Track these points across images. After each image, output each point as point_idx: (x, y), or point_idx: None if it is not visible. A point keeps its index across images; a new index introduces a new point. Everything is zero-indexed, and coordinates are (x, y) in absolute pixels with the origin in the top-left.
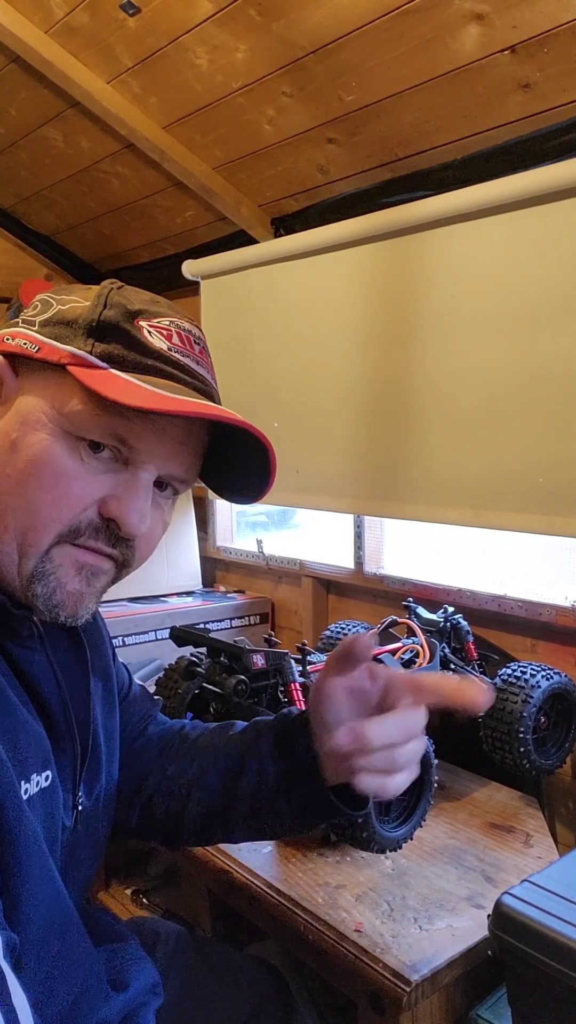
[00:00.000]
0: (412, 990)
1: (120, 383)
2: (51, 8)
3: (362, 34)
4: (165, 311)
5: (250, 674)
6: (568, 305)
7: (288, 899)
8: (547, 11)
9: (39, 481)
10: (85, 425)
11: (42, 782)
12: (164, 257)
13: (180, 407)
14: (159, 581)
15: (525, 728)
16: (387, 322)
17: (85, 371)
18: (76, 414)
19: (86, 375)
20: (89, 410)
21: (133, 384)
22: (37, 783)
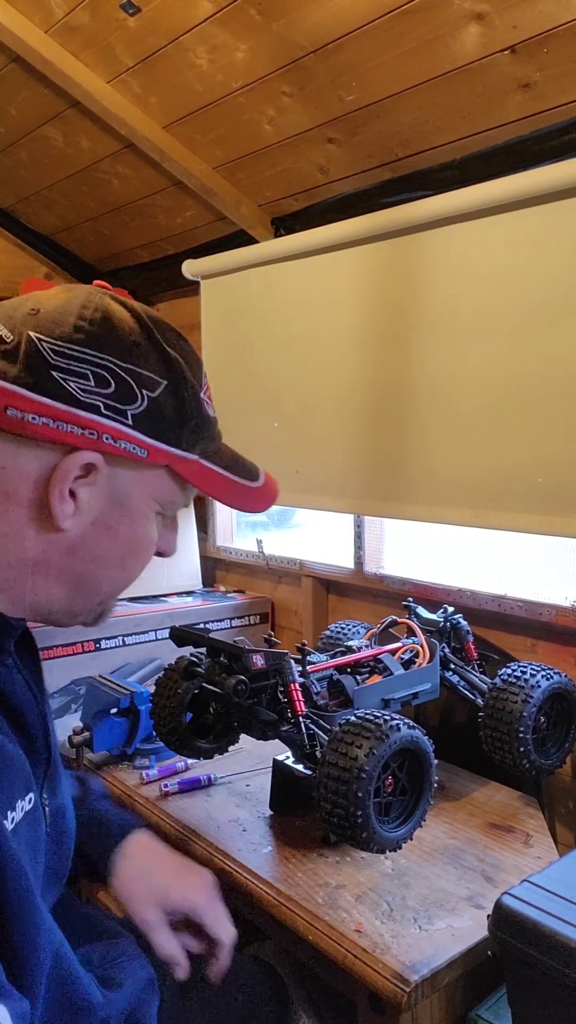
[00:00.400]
0: (412, 990)
1: (215, 478)
2: (51, 8)
3: (362, 34)
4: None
5: (250, 674)
6: (568, 305)
7: (288, 899)
8: (547, 11)
9: (138, 561)
10: (175, 508)
11: (26, 805)
12: (164, 257)
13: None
14: (159, 581)
15: (525, 728)
16: (387, 322)
17: (188, 470)
18: (174, 504)
19: (194, 475)
20: (183, 498)
21: (222, 478)
22: (22, 808)
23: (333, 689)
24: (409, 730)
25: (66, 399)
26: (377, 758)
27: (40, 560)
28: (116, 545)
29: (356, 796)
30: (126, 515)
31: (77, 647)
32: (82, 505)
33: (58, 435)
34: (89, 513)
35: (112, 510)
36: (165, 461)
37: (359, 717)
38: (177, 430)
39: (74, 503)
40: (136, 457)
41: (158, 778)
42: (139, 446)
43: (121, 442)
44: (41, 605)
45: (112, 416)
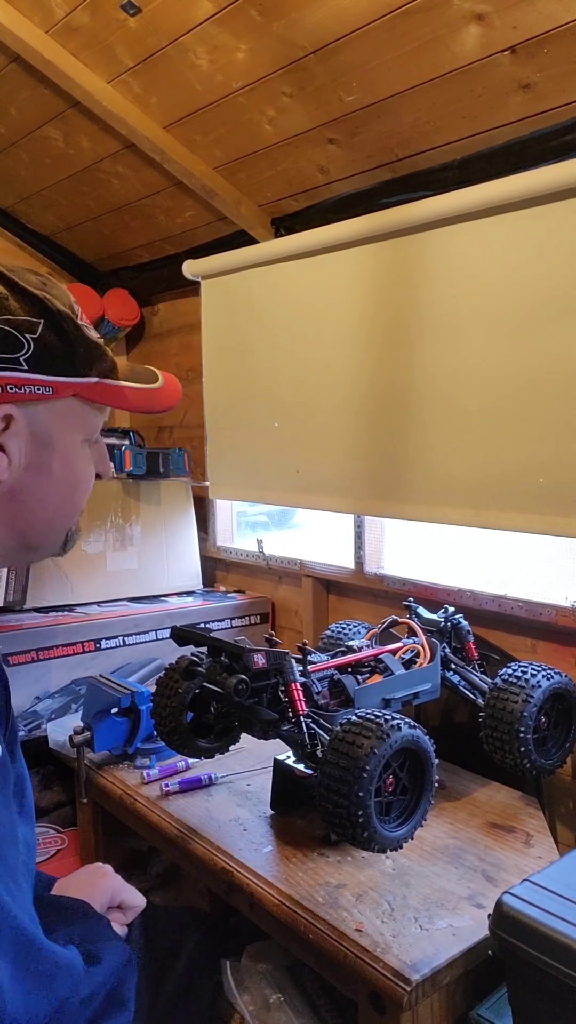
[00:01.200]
0: (413, 990)
1: (119, 392)
2: (51, 8)
3: (362, 34)
4: (66, 291)
5: (251, 673)
6: (568, 306)
7: (288, 899)
8: (547, 11)
9: (82, 492)
10: (95, 431)
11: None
12: (164, 257)
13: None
14: (159, 581)
15: (526, 728)
16: (387, 322)
17: (94, 392)
18: (94, 427)
19: (100, 395)
20: (100, 419)
21: (128, 389)
22: None
23: (334, 689)
24: (410, 729)
25: None
26: (378, 758)
27: None
28: (53, 482)
29: (357, 796)
30: (56, 453)
31: (77, 647)
32: (12, 454)
33: None
34: (20, 460)
35: (40, 452)
36: (70, 392)
37: (360, 716)
38: (69, 360)
39: (5, 456)
40: (44, 397)
41: (159, 778)
42: (42, 386)
43: (25, 387)
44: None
45: (6, 367)
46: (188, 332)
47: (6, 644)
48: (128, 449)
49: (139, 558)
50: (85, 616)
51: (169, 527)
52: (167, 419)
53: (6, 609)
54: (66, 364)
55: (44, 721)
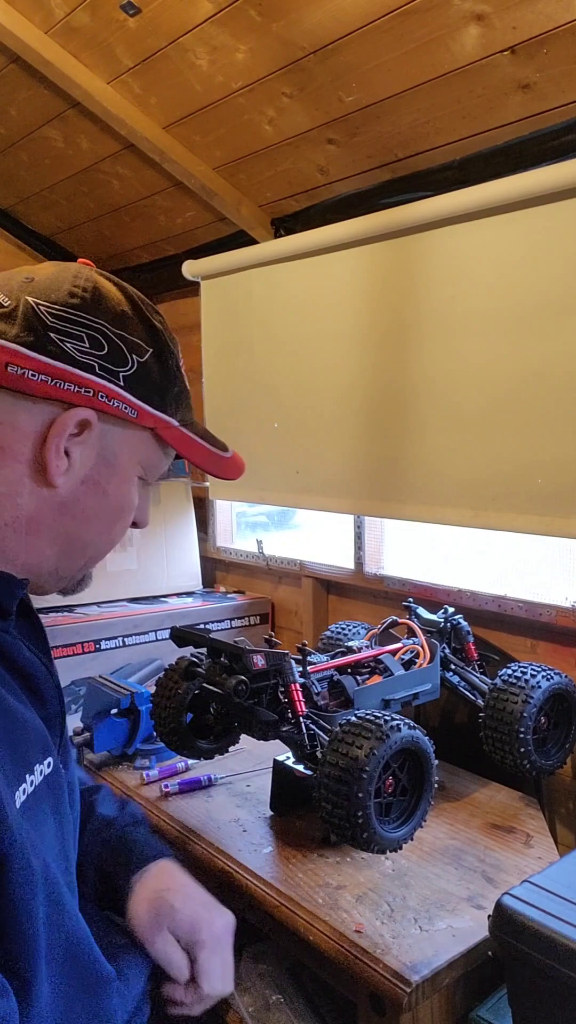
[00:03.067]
0: (412, 991)
1: (194, 446)
2: (51, 8)
3: (362, 35)
4: (177, 344)
5: (250, 674)
6: (568, 306)
7: (288, 900)
8: (547, 12)
9: (121, 524)
10: (155, 474)
11: (45, 769)
12: (164, 258)
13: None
14: (159, 582)
15: (525, 728)
16: (387, 322)
17: (171, 434)
18: (155, 469)
19: (176, 439)
20: (164, 465)
21: (200, 446)
22: (41, 772)
23: (333, 690)
24: (409, 730)
25: (63, 358)
26: (377, 758)
27: (33, 518)
28: (104, 504)
29: (356, 796)
30: (114, 474)
31: (77, 647)
32: (75, 462)
33: (56, 392)
34: (80, 470)
35: (101, 469)
36: (151, 423)
37: (359, 717)
38: (163, 395)
39: (68, 460)
40: (127, 416)
41: (158, 778)
42: (130, 406)
43: (114, 401)
44: (32, 566)
45: (105, 376)
46: (188, 332)
47: None
48: None
49: (139, 559)
50: (85, 617)
51: (169, 528)
52: None
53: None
54: (158, 397)
55: None
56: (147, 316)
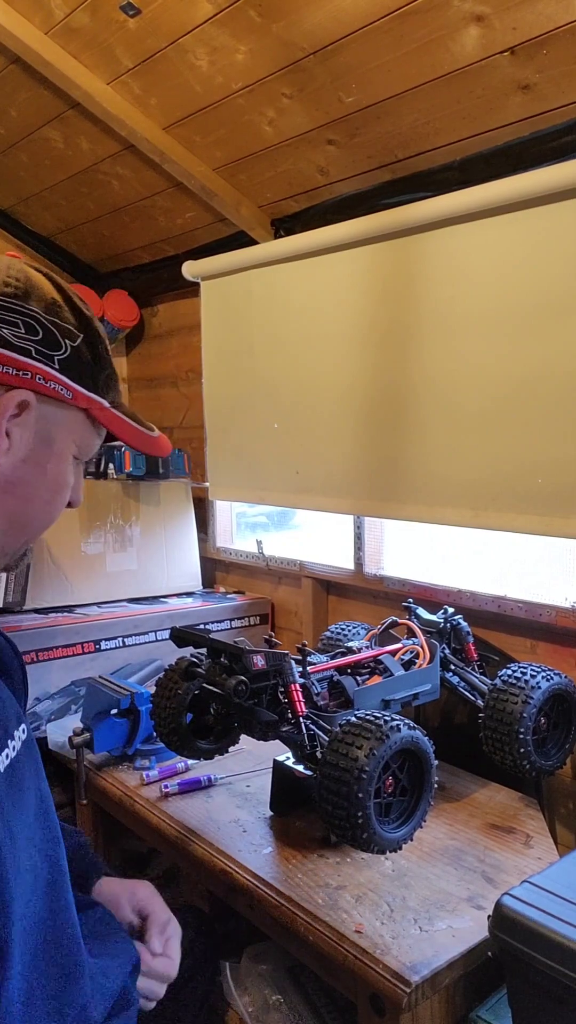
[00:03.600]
0: (412, 991)
1: (124, 425)
2: (51, 9)
3: (362, 35)
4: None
5: (250, 675)
6: (568, 306)
7: (288, 900)
8: (547, 13)
9: (61, 500)
10: (89, 453)
11: (21, 735)
12: (164, 258)
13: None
14: (159, 582)
15: (525, 729)
16: (387, 323)
17: (103, 415)
18: (89, 448)
19: (106, 420)
20: (96, 444)
21: (130, 426)
22: (19, 737)
23: (333, 690)
24: (409, 731)
25: (1, 343)
26: (377, 759)
27: None
28: (44, 483)
29: (356, 797)
30: (52, 454)
31: (77, 648)
32: (15, 442)
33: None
34: (21, 450)
35: (40, 448)
36: (85, 404)
37: (359, 718)
38: (94, 377)
39: (8, 441)
40: (62, 397)
41: (158, 779)
42: (65, 387)
43: (51, 383)
44: None
45: (41, 360)
46: (188, 333)
47: None
48: (128, 450)
49: (139, 559)
50: (85, 617)
51: (169, 528)
52: (166, 420)
53: (6, 610)
54: (90, 379)
55: (44, 722)
56: (76, 304)
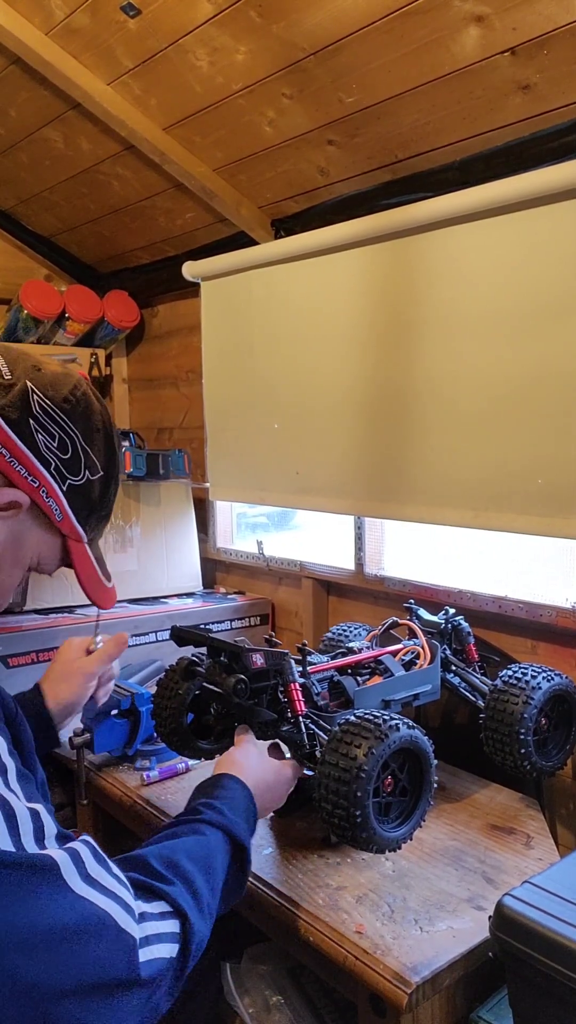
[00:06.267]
0: (413, 992)
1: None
2: (52, 10)
3: (362, 36)
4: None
5: (250, 673)
6: (568, 307)
7: (288, 900)
8: (547, 13)
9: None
10: (42, 571)
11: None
12: (164, 259)
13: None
14: (159, 582)
15: (526, 729)
16: (387, 323)
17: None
18: (45, 567)
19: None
20: (53, 568)
21: (93, 569)
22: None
23: (334, 690)
24: (408, 730)
25: (30, 445)
26: (376, 758)
27: None
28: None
29: (355, 796)
30: (13, 560)
31: None
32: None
33: (7, 467)
34: None
35: (6, 550)
36: (68, 531)
37: (358, 717)
38: (90, 514)
39: None
40: (52, 517)
41: (159, 779)
42: (60, 511)
43: (51, 500)
44: None
45: (56, 477)
46: (188, 333)
47: (6, 646)
48: (128, 450)
49: (139, 559)
50: (85, 618)
51: (169, 528)
52: (167, 420)
53: (6, 611)
54: (86, 513)
55: None
56: (112, 444)
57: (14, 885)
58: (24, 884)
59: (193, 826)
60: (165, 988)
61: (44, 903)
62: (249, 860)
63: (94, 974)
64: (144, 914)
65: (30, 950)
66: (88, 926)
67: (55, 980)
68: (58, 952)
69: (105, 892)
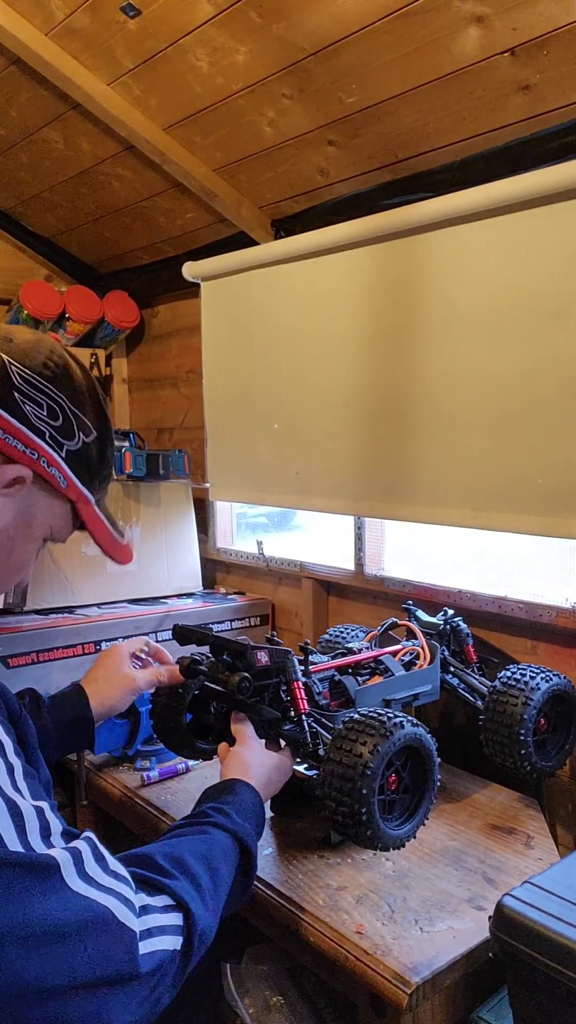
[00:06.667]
0: (413, 992)
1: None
2: (52, 10)
3: (362, 36)
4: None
5: (254, 671)
6: (568, 307)
7: (289, 901)
8: (547, 13)
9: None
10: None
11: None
12: (164, 259)
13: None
14: (159, 583)
15: (525, 731)
16: (387, 323)
17: (86, 511)
18: (61, 536)
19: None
20: (67, 535)
21: (106, 529)
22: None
23: (335, 690)
24: (413, 727)
25: (20, 418)
26: (381, 756)
27: None
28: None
29: (361, 794)
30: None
31: (78, 648)
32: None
33: (3, 445)
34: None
35: (16, 526)
36: (75, 496)
37: (363, 715)
38: (93, 475)
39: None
40: (57, 485)
41: (159, 780)
42: (64, 477)
43: (52, 468)
44: None
45: (53, 445)
46: (188, 334)
47: (6, 646)
48: (128, 451)
49: (139, 560)
50: (85, 618)
51: (169, 529)
52: (167, 421)
53: (6, 611)
54: (88, 476)
55: None
56: (100, 404)
57: (16, 884)
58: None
59: (200, 827)
60: (168, 981)
61: (45, 902)
62: (255, 864)
63: (95, 969)
64: (146, 907)
65: (32, 948)
66: (88, 922)
67: (57, 977)
68: (59, 949)
69: (104, 888)
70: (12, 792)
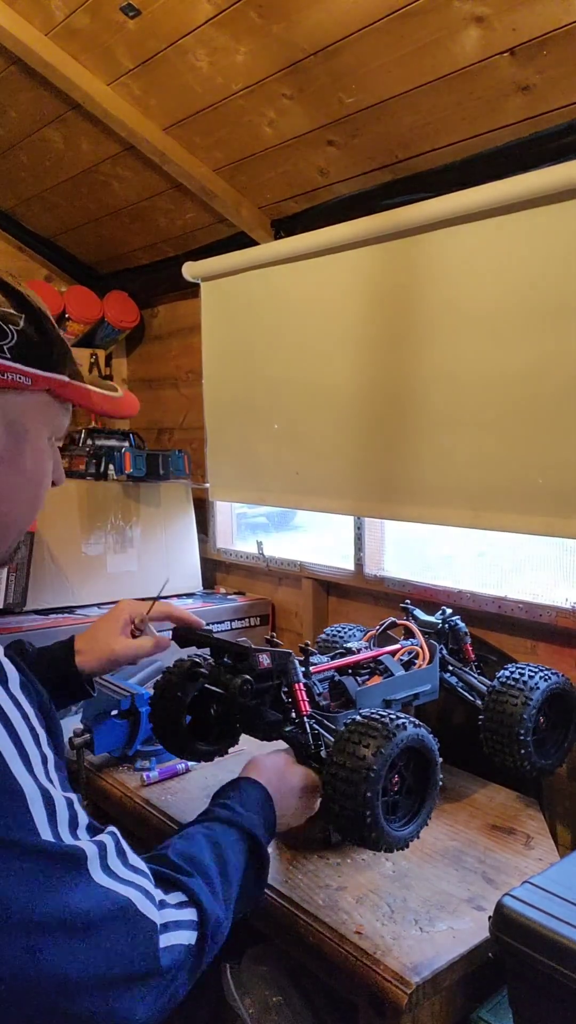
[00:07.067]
0: (413, 992)
1: (90, 396)
2: (51, 10)
3: (362, 36)
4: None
5: (255, 674)
6: (568, 307)
7: (288, 901)
8: (547, 13)
9: (43, 491)
10: (61, 430)
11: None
12: (164, 259)
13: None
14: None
15: (525, 730)
16: (387, 324)
17: (66, 390)
18: (61, 427)
19: (72, 393)
20: (66, 420)
21: (95, 394)
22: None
23: (335, 690)
24: (415, 728)
25: None
26: (385, 757)
27: None
28: (24, 480)
29: (365, 796)
30: (28, 446)
31: None
32: None
33: None
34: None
35: (14, 444)
36: (46, 385)
37: (365, 716)
38: (47, 356)
39: None
40: (21, 385)
41: (159, 780)
42: (22, 375)
43: (7, 374)
44: None
45: None
46: (188, 334)
47: None
48: (128, 451)
49: (139, 560)
50: (85, 618)
51: (169, 529)
52: (167, 421)
53: (6, 611)
54: (44, 359)
55: None
56: (11, 287)
57: (45, 873)
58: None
59: (206, 824)
60: (185, 975)
61: (72, 893)
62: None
63: (117, 961)
64: (163, 902)
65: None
66: (110, 914)
67: (79, 967)
68: (82, 940)
69: (126, 881)
70: (45, 781)
